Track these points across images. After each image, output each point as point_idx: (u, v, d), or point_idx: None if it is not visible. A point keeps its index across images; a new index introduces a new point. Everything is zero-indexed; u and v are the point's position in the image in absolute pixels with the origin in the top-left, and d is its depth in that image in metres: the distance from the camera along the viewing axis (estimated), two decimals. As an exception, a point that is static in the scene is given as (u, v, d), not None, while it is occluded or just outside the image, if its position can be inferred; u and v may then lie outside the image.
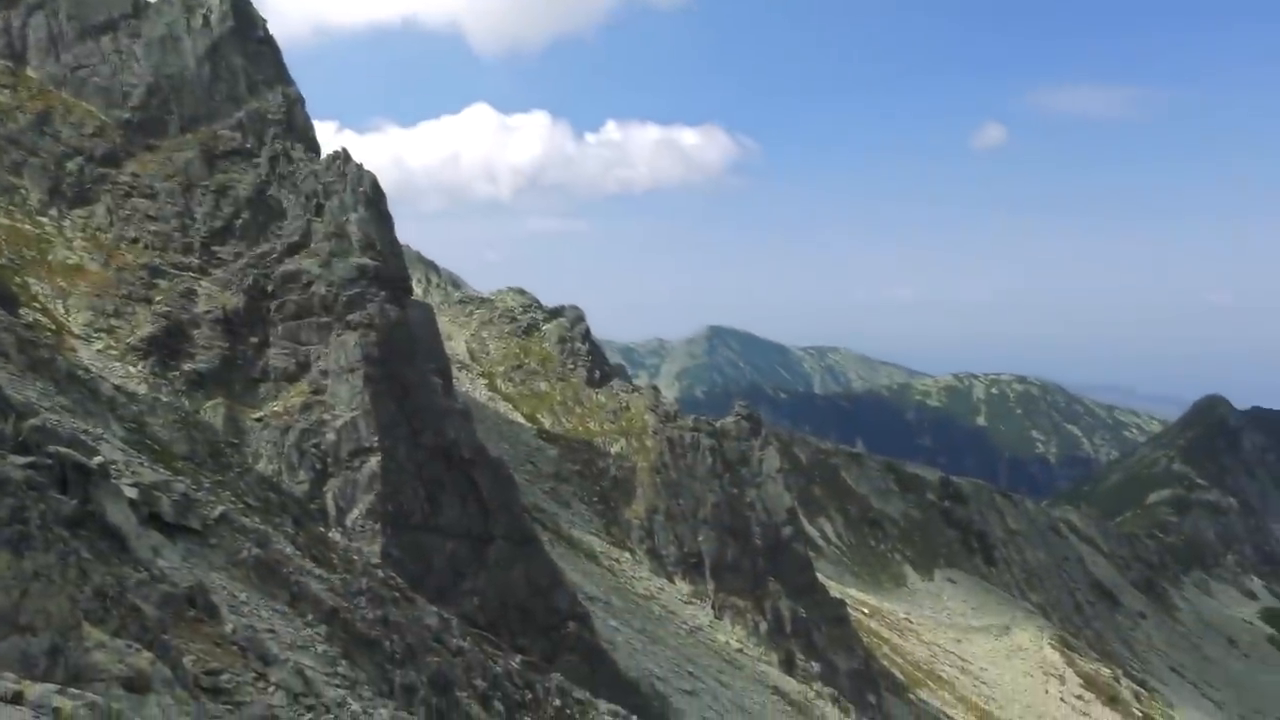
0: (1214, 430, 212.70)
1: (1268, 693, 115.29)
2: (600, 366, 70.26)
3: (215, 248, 33.77)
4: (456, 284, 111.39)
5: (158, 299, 31.28)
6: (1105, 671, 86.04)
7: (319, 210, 34.63)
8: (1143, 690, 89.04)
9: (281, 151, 36.11)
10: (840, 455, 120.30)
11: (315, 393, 31.41)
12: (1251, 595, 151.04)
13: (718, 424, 62.19)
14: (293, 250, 33.85)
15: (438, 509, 31.82)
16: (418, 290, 69.40)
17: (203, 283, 32.65)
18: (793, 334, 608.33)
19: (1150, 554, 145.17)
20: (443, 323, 57.95)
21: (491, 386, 64.78)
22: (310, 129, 38.52)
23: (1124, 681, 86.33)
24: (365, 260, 33.54)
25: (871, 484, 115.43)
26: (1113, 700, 78.73)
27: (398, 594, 19.65)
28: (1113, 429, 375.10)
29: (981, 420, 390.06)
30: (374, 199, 35.36)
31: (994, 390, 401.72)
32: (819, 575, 65.81)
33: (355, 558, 20.69)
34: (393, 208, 36.54)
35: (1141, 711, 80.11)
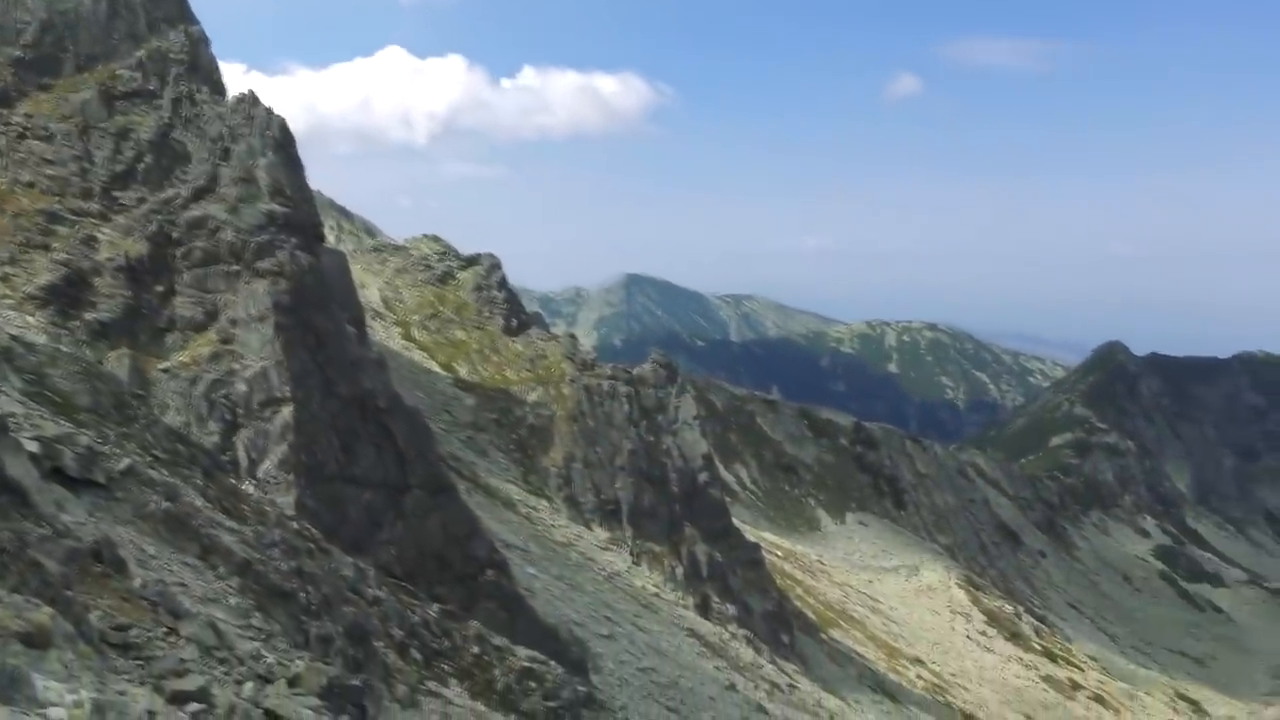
0: (1114, 376, 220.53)
1: (1158, 625, 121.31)
2: (517, 315, 69.90)
3: (116, 193, 32.56)
4: (370, 231, 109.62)
5: (56, 246, 30.16)
6: (1008, 609, 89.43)
7: (225, 155, 33.57)
8: (1043, 625, 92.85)
9: (185, 93, 34.84)
10: (755, 402, 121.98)
11: (224, 342, 30.70)
12: (1145, 534, 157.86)
13: (634, 372, 62.43)
14: (199, 195, 32.81)
15: (353, 459, 31.50)
16: (330, 237, 67.99)
17: (104, 229, 31.52)
18: (709, 282, 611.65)
19: (1051, 495, 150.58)
20: (356, 270, 56.99)
21: (406, 335, 64.09)
22: (216, 70, 37.15)
23: (1025, 618, 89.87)
24: (275, 206, 32.70)
25: (786, 430, 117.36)
26: (1014, 636, 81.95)
27: (312, 545, 19.49)
28: (1018, 375, 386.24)
29: (893, 367, 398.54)
30: (283, 143, 34.36)
31: (905, 338, 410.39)
32: (735, 520, 66.89)
33: (268, 509, 20.44)
34: (303, 152, 35.55)
35: (1041, 645, 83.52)
